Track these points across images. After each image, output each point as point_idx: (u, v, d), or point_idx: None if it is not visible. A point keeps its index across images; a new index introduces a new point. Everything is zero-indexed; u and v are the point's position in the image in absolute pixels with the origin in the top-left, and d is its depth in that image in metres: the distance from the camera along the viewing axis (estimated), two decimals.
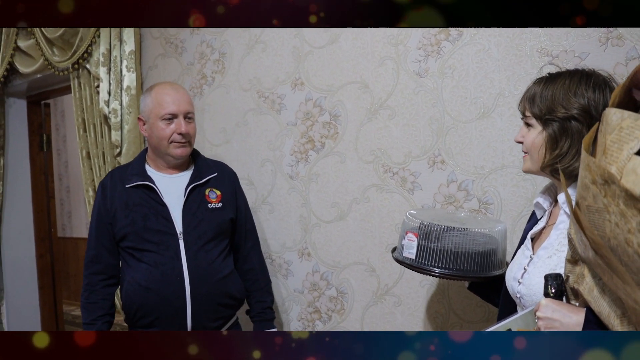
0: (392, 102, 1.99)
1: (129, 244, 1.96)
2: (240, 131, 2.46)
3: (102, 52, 2.76)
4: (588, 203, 0.86)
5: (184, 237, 1.95)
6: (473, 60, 1.80)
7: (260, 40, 2.35)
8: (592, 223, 0.86)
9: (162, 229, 1.94)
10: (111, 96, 2.76)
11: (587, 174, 0.85)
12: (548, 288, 1.08)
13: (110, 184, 2.02)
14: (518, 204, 1.75)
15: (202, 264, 1.96)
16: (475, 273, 1.42)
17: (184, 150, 1.99)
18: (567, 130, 1.19)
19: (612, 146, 0.83)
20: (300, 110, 2.25)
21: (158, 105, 1.96)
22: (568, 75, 1.23)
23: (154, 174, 2.02)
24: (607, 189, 0.80)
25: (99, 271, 2.00)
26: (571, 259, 1.04)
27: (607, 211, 0.81)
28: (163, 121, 1.95)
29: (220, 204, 2.05)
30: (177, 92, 2.00)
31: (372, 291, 2.11)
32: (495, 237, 1.47)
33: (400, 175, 2.00)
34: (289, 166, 2.31)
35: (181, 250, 1.94)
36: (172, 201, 1.98)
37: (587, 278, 0.99)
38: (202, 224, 1.99)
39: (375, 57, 2.03)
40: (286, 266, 2.37)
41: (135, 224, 1.94)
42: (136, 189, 1.97)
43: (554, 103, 1.20)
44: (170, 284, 1.92)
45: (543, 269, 1.21)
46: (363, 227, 2.11)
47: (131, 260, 1.97)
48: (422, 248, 1.44)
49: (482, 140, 1.80)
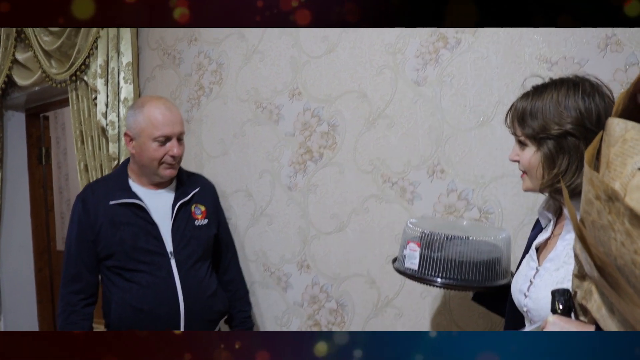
0: (390, 111, 1.97)
1: (116, 264, 1.90)
2: (238, 142, 2.44)
3: (99, 64, 2.75)
4: (593, 219, 0.81)
5: (175, 256, 1.93)
6: (472, 68, 1.78)
7: (258, 50, 2.34)
8: (597, 240, 0.81)
9: (152, 249, 1.91)
10: (109, 108, 2.75)
11: (590, 189, 0.81)
12: (555, 304, 1.03)
13: (91, 199, 1.94)
14: (519, 213, 1.72)
15: (193, 283, 1.94)
16: (481, 283, 1.38)
17: (172, 171, 1.96)
18: (564, 147, 1.13)
19: (615, 160, 0.78)
20: (298, 120, 2.23)
21: (151, 125, 1.88)
22: (554, 87, 1.18)
23: (139, 189, 1.97)
24: (611, 206, 0.75)
25: (79, 290, 1.92)
26: (578, 274, 1.00)
27: (612, 229, 0.75)
28: (155, 142, 1.89)
29: (206, 220, 2.04)
30: (171, 112, 1.93)
31: (373, 303, 2.07)
32: (500, 245, 1.43)
33: (399, 185, 1.97)
34: (288, 177, 2.28)
35: (174, 270, 1.92)
36: (160, 219, 1.94)
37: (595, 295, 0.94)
38: (191, 242, 1.97)
39: (373, 66, 2.01)
40: (285, 279, 2.33)
41: (124, 243, 1.88)
42: (121, 206, 1.91)
43: (546, 120, 1.14)
44: (164, 304, 1.88)
45: (550, 282, 1.16)
46: (362, 238, 2.08)
47: (118, 280, 1.92)
48: (425, 258, 1.40)
49: (482, 149, 1.78)
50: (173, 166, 1.95)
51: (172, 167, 1.95)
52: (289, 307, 2.33)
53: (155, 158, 1.90)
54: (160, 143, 1.90)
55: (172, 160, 1.93)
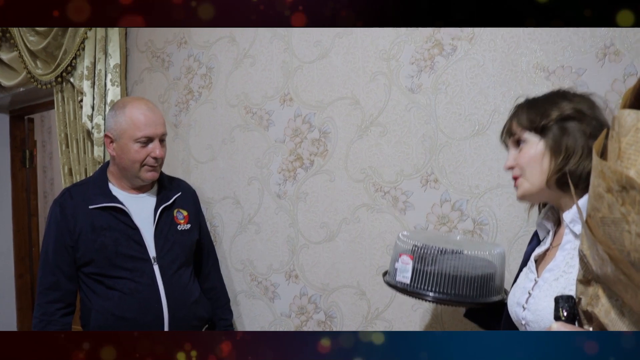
0: (383, 119, 1.93)
1: (96, 270, 1.83)
2: (227, 148, 2.38)
3: (86, 66, 2.68)
4: (602, 214, 0.79)
5: (158, 261, 1.87)
6: (467, 75, 1.75)
7: (249, 54, 2.29)
8: (608, 236, 0.79)
9: (134, 255, 1.84)
10: (95, 111, 2.68)
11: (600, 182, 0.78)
12: (559, 311, 1.00)
13: (70, 203, 1.86)
14: (514, 224, 1.68)
15: (177, 289, 1.89)
16: (474, 299, 1.34)
17: (154, 174, 1.91)
18: (567, 130, 1.13)
19: (629, 149, 0.76)
20: (288, 126, 2.18)
21: (133, 126, 1.83)
22: (547, 93, 1.22)
23: (120, 193, 1.91)
24: (625, 196, 0.73)
25: (56, 299, 1.83)
26: (583, 279, 0.96)
27: (626, 221, 0.74)
28: (137, 143, 1.84)
29: (189, 225, 2.00)
30: (153, 113, 1.88)
31: (362, 315, 2.02)
32: (494, 261, 1.39)
33: (391, 194, 1.92)
34: (277, 185, 2.23)
35: (157, 276, 1.85)
36: (142, 224, 1.88)
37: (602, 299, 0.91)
38: (174, 247, 1.91)
39: (367, 73, 1.97)
40: (273, 289, 2.27)
41: (105, 249, 1.81)
42: (102, 211, 1.85)
43: (546, 109, 1.16)
44: (148, 312, 1.82)
45: (550, 292, 1.12)
46: (353, 249, 2.03)
47: (98, 288, 1.84)
48: (418, 272, 1.36)
49: (476, 159, 1.74)
50: (155, 169, 1.90)
51: (154, 169, 1.89)
52: (276, 318, 2.27)
53: (137, 160, 1.85)
54: (142, 144, 1.84)
55: (154, 163, 1.88)
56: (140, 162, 1.85)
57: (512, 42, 1.66)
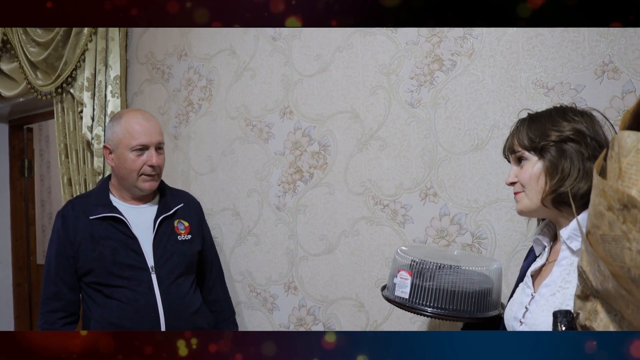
0: (383, 133, 1.94)
1: (96, 280, 1.84)
2: (227, 160, 2.39)
3: (86, 77, 2.70)
4: (603, 232, 0.80)
5: (156, 271, 1.87)
6: (467, 91, 1.76)
7: (249, 67, 2.30)
8: (608, 253, 0.80)
9: (132, 264, 1.85)
10: (94, 122, 2.69)
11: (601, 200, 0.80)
12: (558, 325, 1.01)
13: (71, 214, 1.89)
14: (513, 239, 1.69)
15: (175, 299, 1.88)
16: (472, 313, 1.35)
17: (153, 183, 1.91)
18: (565, 152, 1.15)
19: (630, 169, 0.78)
20: (288, 139, 2.20)
21: (128, 135, 1.85)
22: (549, 110, 1.24)
23: (120, 204, 1.93)
24: (626, 215, 0.75)
25: (58, 308, 1.86)
26: (581, 295, 0.98)
27: (627, 238, 0.76)
28: (133, 152, 1.86)
29: (190, 236, 1.99)
30: (149, 122, 1.90)
31: (361, 327, 2.02)
32: (491, 276, 1.40)
33: (391, 207, 1.93)
34: (276, 197, 2.24)
35: (154, 285, 1.86)
36: (141, 233, 1.89)
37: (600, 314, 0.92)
38: (173, 256, 1.91)
39: (367, 87, 1.98)
40: (272, 300, 2.28)
41: (104, 258, 1.83)
42: (102, 221, 1.87)
43: (545, 129, 1.18)
44: (144, 321, 1.82)
45: (547, 307, 1.14)
46: (352, 261, 2.04)
47: (98, 297, 1.86)
48: (416, 287, 1.37)
49: (475, 173, 1.75)
50: (153, 178, 1.90)
51: (152, 178, 1.90)
52: (275, 329, 2.27)
53: (134, 169, 1.86)
54: (138, 153, 1.86)
55: (152, 171, 1.88)
56: (137, 171, 1.87)
57: (511, 58, 1.68)
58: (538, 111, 1.25)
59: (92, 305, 1.87)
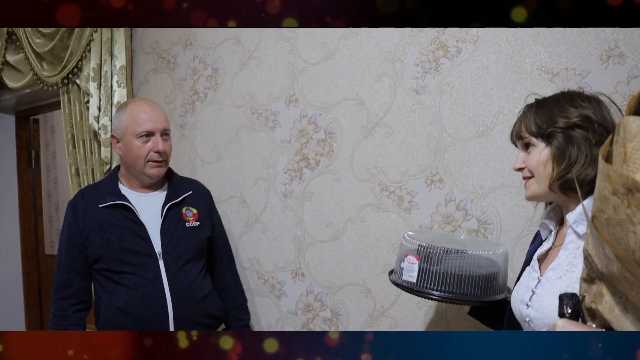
0: (388, 120, 1.95)
1: (104, 266, 1.88)
2: (233, 148, 2.41)
3: (92, 67, 2.71)
4: (608, 216, 0.82)
5: (163, 257, 1.89)
6: (472, 77, 1.77)
7: (254, 56, 2.31)
8: (613, 236, 0.82)
9: (140, 250, 1.87)
10: (101, 112, 2.71)
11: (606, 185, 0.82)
12: (563, 308, 1.03)
13: (81, 204, 1.93)
14: (518, 224, 1.71)
15: (183, 285, 1.90)
16: (479, 297, 1.37)
17: (160, 170, 1.93)
18: (572, 139, 1.16)
19: (635, 154, 0.80)
20: (294, 127, 2.21)
21: (134, 122, 1.88)
22: (556, 95, 1.24)
23: (129, 192, 1.95)
24: (630, 199, 0.77)
25: (69, 296, 1.90)
26: (587, 278, 0.99)
27: (632, 222, 0.77)
28: (139, 139, 1.88)
29: (198, 223, 2.00)
30: (154, 109, 1.93)
31: (368, 313, 2.05)
32: (497, 260, 1.42)
33: (397, 194, 1.95)
34: (283, 184, 2.26)
35: (161, 271, 1.88)
36: (149, 220, 1.91)
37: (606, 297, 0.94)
38: (181, 243, 1.93)
39: (372, 74, 1.99)
40: (279, 286, 2.30)
41: (111, 245, 1.86)
42: (110, 209, 1.89)
43: (553, 116, 1.18)
44: (151, 306, 1.85)
45: (553, 291, 1.16)
46: (358, 247, 2.06)
47: (108, 284, 1.89)
48: (424, 271, 1.39)
49: (481, 159, 1.77)
50: (160, 164, 1.92)
51: (159, 164, 1.92)
52: (283, 315, 2.30)
53: (140, 156, 1.89)
54: (144, 140, 1.89)
55: (158, 157, 1.91)
56: (144, 158, 1.89)
57: (516, 44, 1.68)
58: (545, 96, 1.26)
59: (102, 292, 1.90)
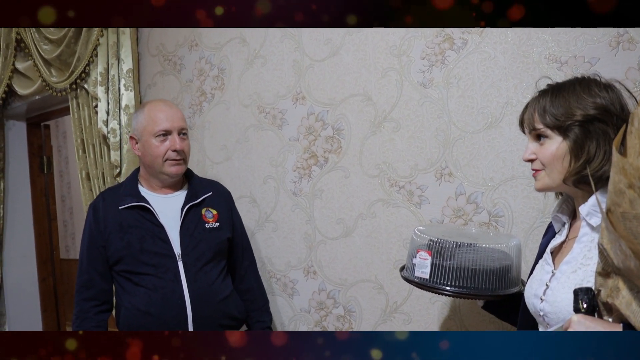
0: (396, 114, 1.94)
1: (125, 268, 1.89)
2: (241, 148, 2.41)
3: (99, 72, 2.72)
4: (623, 209, 0.80)
5: (182, 258, 1.89)
6: (479, 68, 1.75)
7: (260, 54, 2.31)
8: (629, 231, 0.79)
9: (159, 251, 1.88)
10: (110, 116, 2.72)
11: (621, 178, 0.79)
12: (579, 303, 1.00)
13: (102, 205, 1.95)
14: (530, 216, 1.68)
15: (202, 286, 1.90)
16: (493, 291, 1.35)
17: (179, 168, 1.94)
18: (591, 132, 1.11)
19: None
20: (302, 125, 2.20)
21: (151, 122, 1.90)
22: (571, 82, 1.18)
23: (148, 194, 1.96)
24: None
25: (91, 297, 1.92)
26: (602, 272, 0.97)
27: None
28: (157, 138, 1.90)
29: (218, 224, 2.00)
30: (171, 108, 1.95)
31: (381, 309, 2.04)
32: (510, 252, 1.40)
33: (406, 189, 1.94)
34: (292, 182, 2.25)
35: (181, 273, 1.88)
36: (169, 222, 1.92)
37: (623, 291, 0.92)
38: (200, 244, 1.93)
39: (378, 69, 1.98)
40: (291, 285, 2.30)
41: (131, 247, 1.87)
42: (130, 210, 1.91)
43: (570, 108, 1.13)
44: (171, 307, 1.85)
45: (568, 285, 1.13)
46: (370, 243, 2.05)
47: (128, 285, 1.90)
48: (436, 266, 1.37)
49: (490, 151, 1.75)
50: (179, 162, 1.93)
51: (178, 163, 1.93)
52: (296, 314, 2.30)
53: (158, 155, 1.90)
54: (162, 139, 1.90)
55: (176, 156, 1.91)
56: (162, 157, 1.90)
57: (522, 34, 1.66)
58: (558, 82, 1.21)
59: (122, 293, 1.92)
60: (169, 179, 1.96)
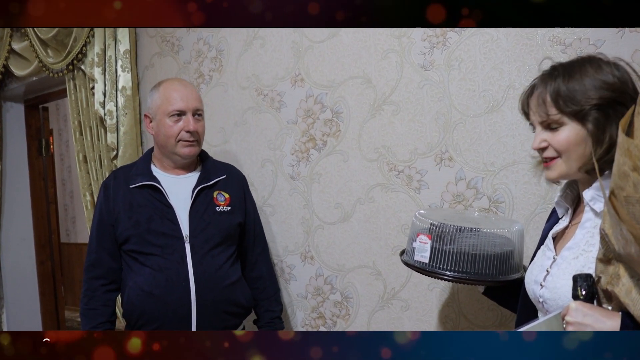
0: (396, 97, 1.90)
1: (132, 247, 1.87)
2: (239, 130, 2.37)
3: (96, 52, 2.68)
4: (627, 193, 0.77)
5: (190, 240, 1.87)
6: (481, 51, 1.71)
7: (259, 36, 2.27)
8: (632, 215, 0.77)
9: (166, 232, 1.86)
10: (106, 97, 2.69)
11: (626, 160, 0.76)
12: (577, 290, 0.97)
13: (113, 184, 1.93)
14: (531, 201, 1.65)
15: (208, 270, 1.87)
16: (494, 277, 1.32)
17: (192, 149, 1.91)
18: (611, 116, 1.05)
19: None
20: (300, 107, 2.17)
21: (166, 101, 1.88)
22: (580, 62, 1.11)
23: (160, 174, 1.94)
24: None
25: (99, 275, 1.90)
26: (603, 258, 0.94)
27: None
28: (171, 118, 1.87)
29: (229, 208, 1.96)
30: (186, 88, 1.92)
31: (379, 295, 2.01)
32: (512, 238, 1.37)
33: (405, 173, 1.91)
34: (290, 166, 2.22)
35: (187, 255, 1.86)
36: (179, 203, 1.89)
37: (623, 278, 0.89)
38: (209, 227, 1.90)
39: (378, 51, 1.94)
40: (289, 270, 2.28)
41: (139, 226, 1.85)
42: (140, 190, 1.89)
43: (586, 90, 1.07)
44: (174, 289, 1.82)
45: (569, 271, 1.10)
46: (368, 229, 2.02)
47: (134, 265, 1.88)
48: (436, 251, 1.34)
49: (491, 135, 1.71)
50: (192, 144, 1.90)
51: (191, 144, 1.90)
52: (293, 299, 2.28)
53: (172, 135, 1.87)
54: (176, 119, 1.88)
55: (189, 137, 1.89)
56: (175, 137, 1.88)
57: None
58: (562, 62, 1.15)
59: (129, 272, 1.90)
60: (181, 160, 1.93)
